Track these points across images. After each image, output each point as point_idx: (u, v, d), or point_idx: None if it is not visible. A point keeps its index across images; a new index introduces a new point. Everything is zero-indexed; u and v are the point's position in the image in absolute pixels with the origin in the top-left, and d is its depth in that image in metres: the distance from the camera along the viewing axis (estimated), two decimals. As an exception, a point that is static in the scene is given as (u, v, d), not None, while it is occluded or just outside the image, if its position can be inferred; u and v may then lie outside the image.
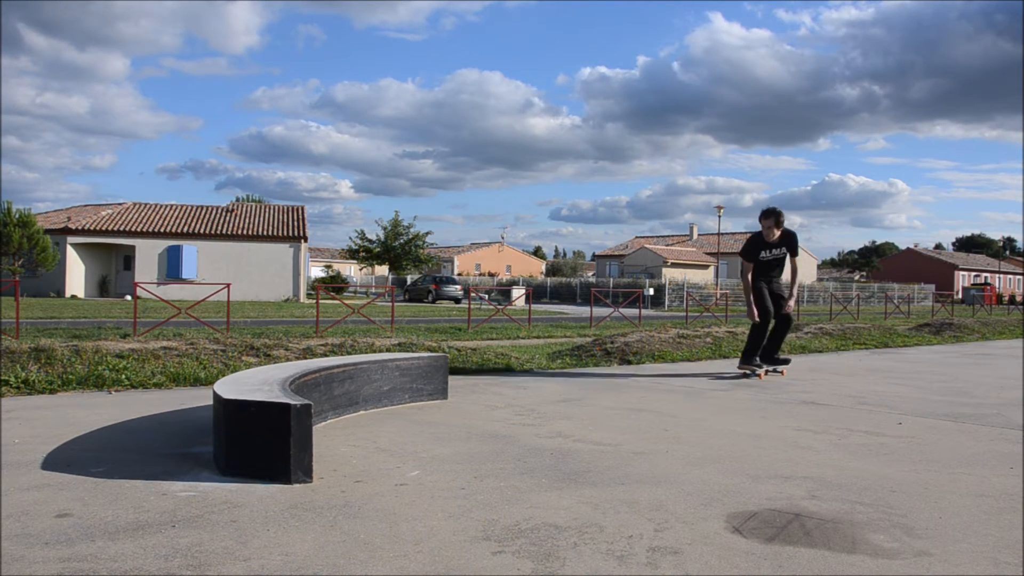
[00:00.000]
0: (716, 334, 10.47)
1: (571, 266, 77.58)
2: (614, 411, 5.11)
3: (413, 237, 47.25)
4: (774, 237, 6.98)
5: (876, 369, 8.37)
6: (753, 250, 7.09)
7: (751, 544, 2.44)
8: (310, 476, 3.12)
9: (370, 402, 4.91)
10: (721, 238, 53.95)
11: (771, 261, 7.09)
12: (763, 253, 7.04)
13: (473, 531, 2.54)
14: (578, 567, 2.23)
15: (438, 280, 38.25)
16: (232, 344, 7.20)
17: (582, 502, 2.89)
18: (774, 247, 7.03)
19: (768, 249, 7.05)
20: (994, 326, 16.80)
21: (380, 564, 2.24)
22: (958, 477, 3.41)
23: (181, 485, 3.05)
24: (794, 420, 4.87)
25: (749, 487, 3.15)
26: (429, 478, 3.23)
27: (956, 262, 75.29)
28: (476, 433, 4.25)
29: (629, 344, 8.92)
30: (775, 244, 7.02)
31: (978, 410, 5.43)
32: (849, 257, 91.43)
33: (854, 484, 3.23)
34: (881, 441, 4.22)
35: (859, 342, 11.75)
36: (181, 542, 2.39)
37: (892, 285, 50.75)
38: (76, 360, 6.10)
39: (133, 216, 34.52)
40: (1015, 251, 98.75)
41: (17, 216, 29.46)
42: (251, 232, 34.50)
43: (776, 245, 7.03)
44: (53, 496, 2.86)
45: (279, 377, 3.86)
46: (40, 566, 2.17)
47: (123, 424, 4.35)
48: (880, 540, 2.51)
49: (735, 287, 40.42)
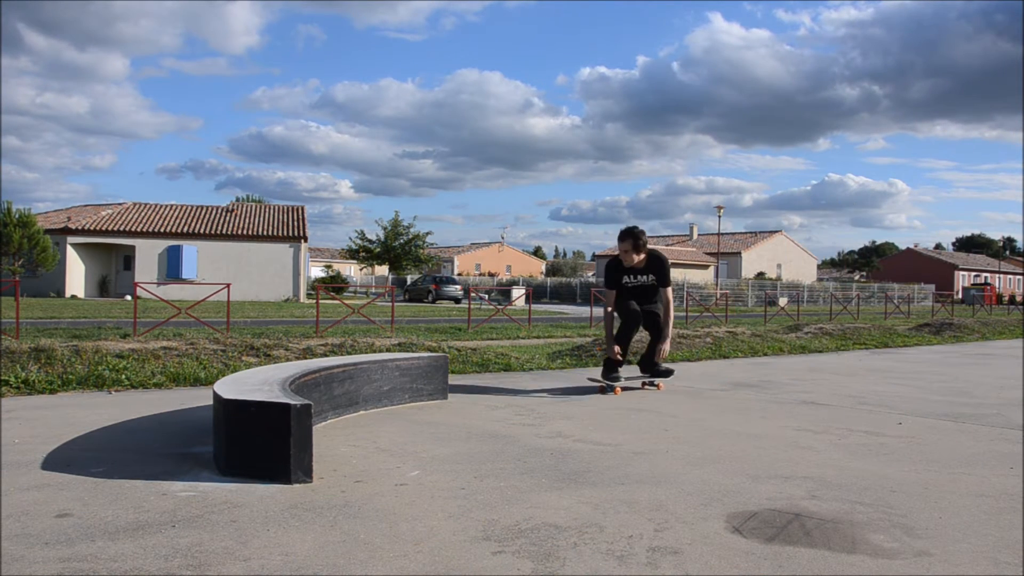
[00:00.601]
0: (716, 334, 10.47)
1: (571, 266, 77.61)
2: (614, 411, 5.10)
3: (413, 237, 47.27)
4: (635, 262, 5.94)
5: (876, 369, 8.37)
6: (613, 275, 6.09)
7: (751, 544, 2.44)
8: (310, 476, 3.12)
9: (370, 402, 4.91)
10: (721, 238, 53.95)
11: (636, 288, 6.06)
12: (626, 278, 6.06)
13: (473, 531, 2.54)
14: (578, 567, 2.23)
15: (438, 280, 38.26)
16: (232, 344, 7.20)
17: (582, 502, 2.89)
18: (638, 273, 6.02)
19: (631, 275, 6.04)
20: (994, 326, 16.80)
21: (380, 564, 2.24)
22: (958, 477, 3.41)
23: (181, 485, 3.05)
24: (794, 420, 4.87)
25: (749, 487, 3.15)
26: (429, 478, 3.23)
27: (956, 262, 75.31)
28: (476, 433, 4.25)
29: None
30: (639, 270, 6.01)
31: (978, 410, 5.43)
32: (849, 257, 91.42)
33: (854, 484, 3.23)
34: (881, 441, 4.22)
35: (859, 342, 11.75)
36: (181, 542, 2.39)
37: (892, 285, 50.76)
38: (76, 360, 6.10)
39: (133, 216, 34.52)
40: (1015, 251, 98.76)
41: (17, 216, 29.47)
42: (251, 232, 34.50)
43: (640, 271, 6.02)
44: (53, 496, 2.86)
45: (279, 377, 3.86)
46: (40, 566, 2.17)
47: (123, 424, 4.35)
48: (880, 540, 2.51)
49: (735, 287, 40.43)
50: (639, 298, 6.07)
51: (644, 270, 6.00)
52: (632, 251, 5.88)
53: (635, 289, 6.07)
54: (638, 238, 5.88)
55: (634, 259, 5.91)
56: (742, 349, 9.78)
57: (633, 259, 5.91)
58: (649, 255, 6.01)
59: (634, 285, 6.05)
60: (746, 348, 9.89)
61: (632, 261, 5.92)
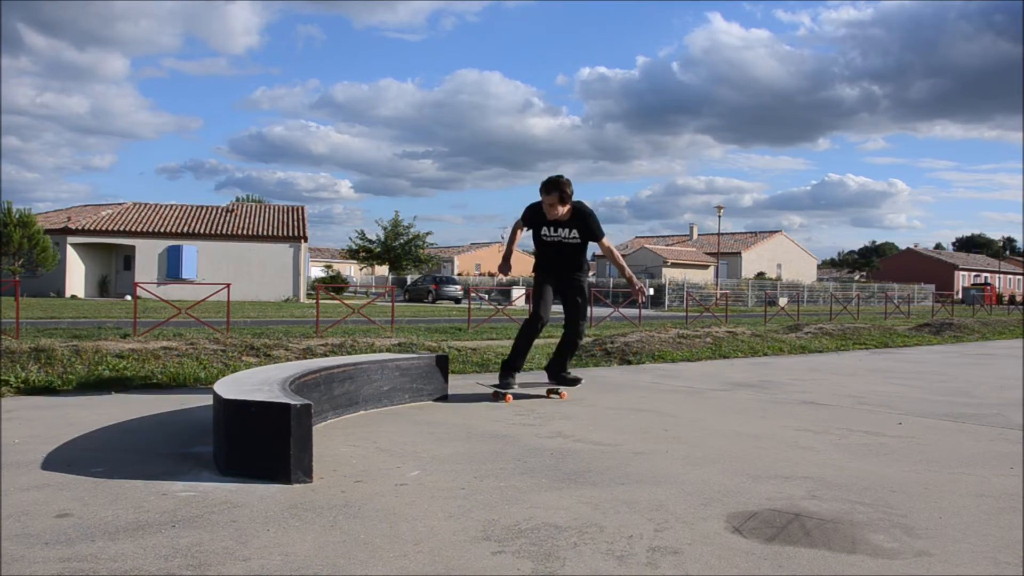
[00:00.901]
0: (716, 334, 10.47)
1: (571, 266, 77.36)
2: (614, 411, 5.10)
3: (413, 237, 47.30)
4: (559, 215, 5.36)
5: (876, 369, 8.37)
6: (531, 217, 5.51)
7: (751, 544, 2.44)
8: (310, 476, 3.12)
9: (370, 402, 4.91)
10: (721, 238, 53.95)
11: (557, 244, 5.48)
12: (545, 230, 5.46)
13: (473, 531, 2.54)
14: (578, 567, 2.23)
15: (438, 280, 38.28)
16: (232, 344, 7.20)
17: (582, 502, 2.89)
18: (560, 226, 5.44)
19: (552, 227, 5.44)
20: (994, 326, 16.80)
21: (380, 564, 2.24)
22: (958, 477, 3.41)
23: (181, 485, 3.05)
24: (794, 420, 4.87)
25: (749, 487, 3.15)
26: (429, 478, 3.23)
27: (956, 262, 75.32)
28: (476, 433, 4.25)
29: (629, 344, 8.91)
30: (561, 223, 5.43)
31: (978, 410, 5.43)
32: (849, 257, 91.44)
33: (854, 484, 3.23)
34: (881, 441, 4.22)
35: (859, 342, 11.75)
36: (181, 542, 2.38)
37: (892, 285, 50.76)
38: (76, 360, 6.10)
39: (133, 216, 34.51)
40: (1015, 251, 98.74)
41: (17, 216, 29.48)
42: (251, 232, 34.50)
43: (563, 224, 5.43)
44: (53, 496, 2.86)
45: (279, 377, 3.86)
46: (40, 566, 2.17)
47: (123, 424, 4.35)
48: (880, 540, 2.51)
49: (735, 287, 40.42)
50: (557, 261, 5.55)
51: (567, 223, 5.43)
52: (558, 203, 5.29)
53: (554, 246, 5.51)
54: (564, 189, 5.27)
55: (559, 212, 5.34)
56: (742, 349, 9.78)
57: (558, 212, 5.34)
58: (573, 208, 5.41)
59: (552, 240, 5.48)
60: (746, 348, 9.88)
61: (556, 214, 5.35)
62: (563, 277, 5.63)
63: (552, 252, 5.54)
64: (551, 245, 5.51)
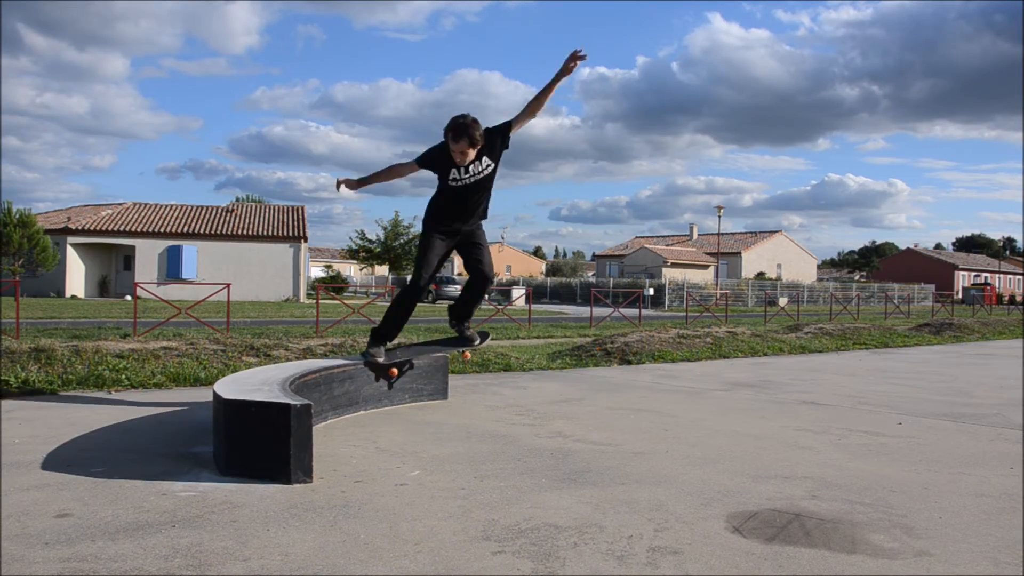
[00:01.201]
0: (716, 334, 10.47)
1: (571, 266, 77.53)
2: (614, 411, 5.10)
3: (413, 237, 47.28)
4: (469, 160, 4.51)
5: (876, 369, 8.37)
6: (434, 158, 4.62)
7: (751, 544, 2.44)
8: (310, 476, 3.12)
9: (370, 402, 4.91)
10: (721, 238, 53.95)
11: (469, 187, 4.63)
12: (454, 173, 4.58)
13: (473, 531, 2.54)
14: (578, 567, 2.23)
15: (438, 280, 38.26)
16: (232, 344, 7.20)
17: (582, 502, 2.89)
18: (471, 163, 4.55)
19: (462, 169, 4.57)
20: (994, 326, 16.80)
21: (380, 564, 2.24)
22: (958, 477, 3.41)
23: (181, 485, 3.05)
24: (794, 420, 4.87)
25: (749, 487, 3.15)
26: (429, 478, 3.23)
27: (956, 262, 75.30)
28: (476, 433, 4.25)
29: (629, 344, 8.92)
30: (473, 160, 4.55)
31: (978, 410, 5.43)
32: (849, 257, 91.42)
33: (854, 484, 3.23)
34: (881, 441, 4.22)
35: (859, 342, 11.75)
36: (181, 542, 2.38)
37: (892, 285, 50.76)
38: (76, 360, 6.10)
39: (133, 216, 34.52)
40: (1015, 251, 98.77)
41: (17, 216, 29.45)
42: (251, 232, 34.50)
43: (475, 160, 4.55)
44: (53, 496, 2.86)
45: (279, 377, 3.86)
46: (40, 566, 2.17)
47: (123, 424, 4.35)
48: (880, 540, 2.51)
49: (735, 287, 40.43)
50: (464, 206, 4.73)
51: (479, 155, 4.55)
52: (468, 148, 4.45)
53: (464, 191, 4.65)
54: (473, 133, 4.41)
55: (469, 155, 4.49)
56: (742, 349, 9.78)
57: (468, 156, 4.49)
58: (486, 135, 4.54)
59: (463, 184, 4.62)
60: (746, 348, 9.89)
61: (467, 160, 4.50)
62: (463, 229, 4.83)
63: (460, 196, 4.68)
64: (460, 189, 4.65)
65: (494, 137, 4.59)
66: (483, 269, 4.95)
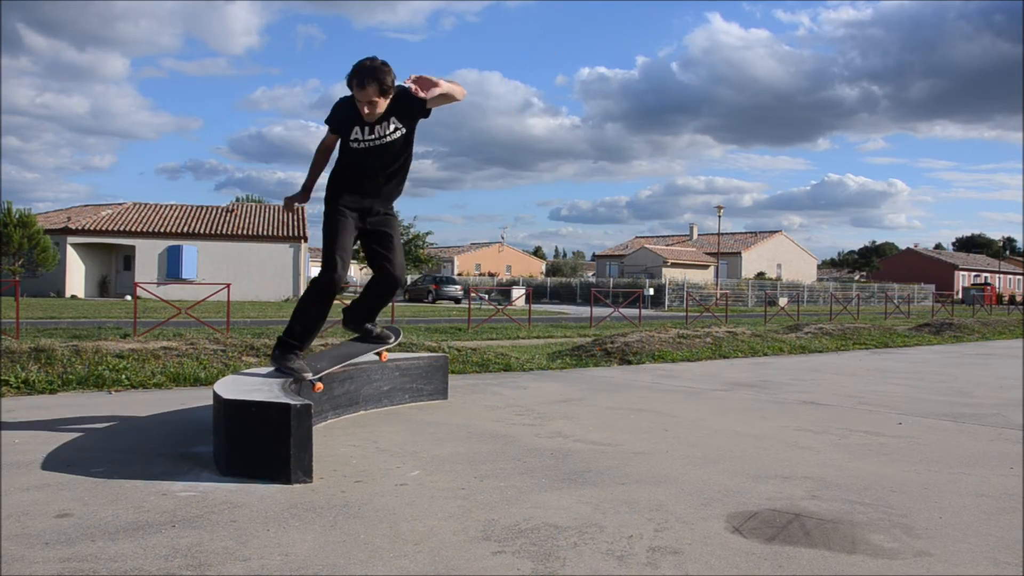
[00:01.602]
0: (716, 334, 10.47)
1: (571, 266, 77.50)
2: (614, 411, 5.10)
3: (413, 237, 47.32)
4: (377, 113, 3.83)
5: (876, 369, 8.37)
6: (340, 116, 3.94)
7: (751, 544, 2.44)
8: (310, 476, 3.12)
9: (370, 402, 4.91)
10: (721, 238, 53.95)
11: (372, 151, 3.94)
12: (356, 133, 3.90)
13: (473, 531, 2.54)
14: (578, 567, 2.23)
15: (438, 280, 38.29)
16: (232, 344, 7.20)
17: (582, 502, 2.89)
18: (377, 123, 3.88)
19: (365, 128, 3.89)
20: (994, 326, 16.80)
21: (380, 564, 2.24)
22: (958, 477, 3.41)
23: (181, 485, 3.05)
24: (794, 420, 4.87)
25: (749, 487, 3.15)
26: (429, 478, 3.23)
27: (956, 262, 75.30)
28: (476, 433, 4.25)
29: (629, 344, 8.91)
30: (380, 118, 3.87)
31: (978, 410, 5.43)
32: (849, 257, 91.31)
33: (854, 484, 3.23)
34: (881, 441, 4.22)
35: (859, 342, 11.75)
36: (181, 542, 2.38)
37: (892, 285, 50.76)
38: (76, 360, 6.10)
39: (133, 216, 34.51)
40: (1015, 251, 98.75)
41: (17, 216, 29.46)
42: (251, 232, 34.51)
43: (382, 119, 3.87)
44: (53, 496, 2.86)
45: (279, 377, 3.86)
46: (40, 566, 2.17)
47: (123, 424, 4.35)
48: (880, 540, 2.51)
49: (735, 287, 40.42)
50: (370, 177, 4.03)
51: (386, 114, 3.87)
52: (378, 97, 3.77)
53: (365, 155, 3.95)
54: (383, 78, 3.74)
55: (379, 107, 3.81)
56: (742, 349, 9.78)
57: (377, 110, 3.81)
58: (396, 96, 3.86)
59: (369, 146, 3.92)
60: (746, 348, 9.89)
61: (375, 114, 3.82)
62: (373, 207, 4.11)
63: (361, 162, 3.98)
64: (361, 153, 3.94)
65: (408, 96, 3.82)
66: (392, 270, 4.18)
